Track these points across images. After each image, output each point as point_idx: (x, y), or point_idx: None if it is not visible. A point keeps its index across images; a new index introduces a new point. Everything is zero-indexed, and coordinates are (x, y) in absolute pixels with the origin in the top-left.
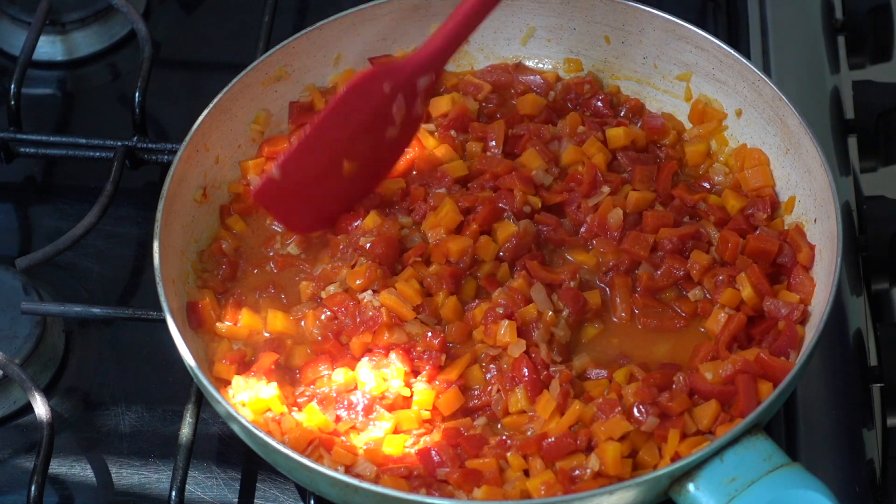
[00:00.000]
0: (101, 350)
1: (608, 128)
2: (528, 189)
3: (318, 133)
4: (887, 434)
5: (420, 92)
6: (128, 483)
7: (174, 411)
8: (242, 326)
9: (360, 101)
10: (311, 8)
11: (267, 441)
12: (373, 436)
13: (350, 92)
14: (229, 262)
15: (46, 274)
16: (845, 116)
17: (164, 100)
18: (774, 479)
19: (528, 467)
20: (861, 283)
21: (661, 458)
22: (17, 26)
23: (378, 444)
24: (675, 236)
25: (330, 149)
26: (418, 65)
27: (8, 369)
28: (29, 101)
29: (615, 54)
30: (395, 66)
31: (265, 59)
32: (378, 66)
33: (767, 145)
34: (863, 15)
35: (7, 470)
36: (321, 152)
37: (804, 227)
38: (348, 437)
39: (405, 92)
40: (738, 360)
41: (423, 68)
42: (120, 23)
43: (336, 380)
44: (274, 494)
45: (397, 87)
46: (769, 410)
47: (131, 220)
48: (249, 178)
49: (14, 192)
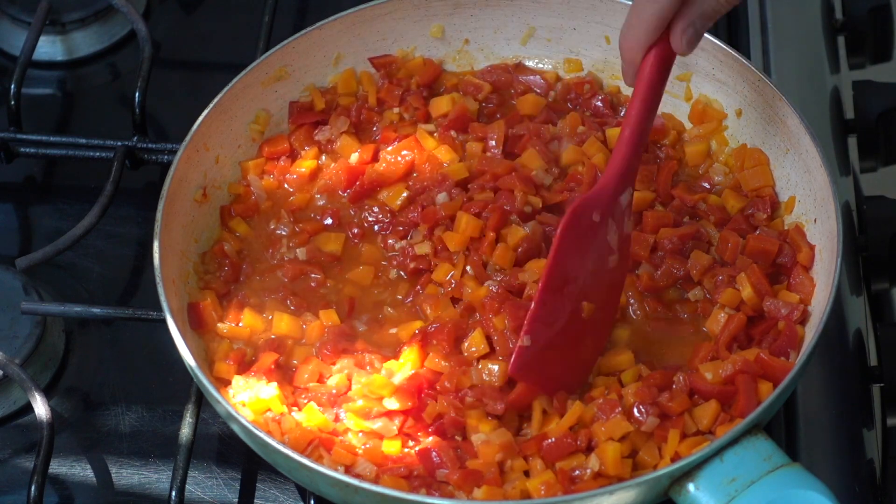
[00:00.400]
0: (101, 350)
1: (608, 128)
2: (528, 189)
3: (550, 284)
4: (887, 434)
5: (625, 210)
6: (128, 483)
7: (174, 411)
8: (244, 327)
9: (577, 239)
10: (311, 8)
11: (267, 441)
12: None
13: (565, 232)
14: (231, 264)
15: (46, 274)
16: (845, 116)
17: (164, 100)
18: (774, 479)
19: (528, 467)
20: (861, 283)
21: (661, 459)
22: (17, 26)
23: (378, 444)
24: (676, 236)
25: (564, 296)
26: (615, 183)
27: (8, 369)
28: (29, 101)
29: (615, 54)
30: (596, 193)
31: (265, 59)
32: (580, 199)
33: (767, 145)
34: (863, 15)
35: (7, 470)
36: (558, 303)
37: (804, 227)
38: (346, 436)
39: (613, 214)
40: (738, 360)
41: (621, 185)
42: (120, 23)
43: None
44: (274, 494)
45: (605, 213)
46: (769, 410)
47: (131, 220)
48: (250, 179)
49: (14, 192)
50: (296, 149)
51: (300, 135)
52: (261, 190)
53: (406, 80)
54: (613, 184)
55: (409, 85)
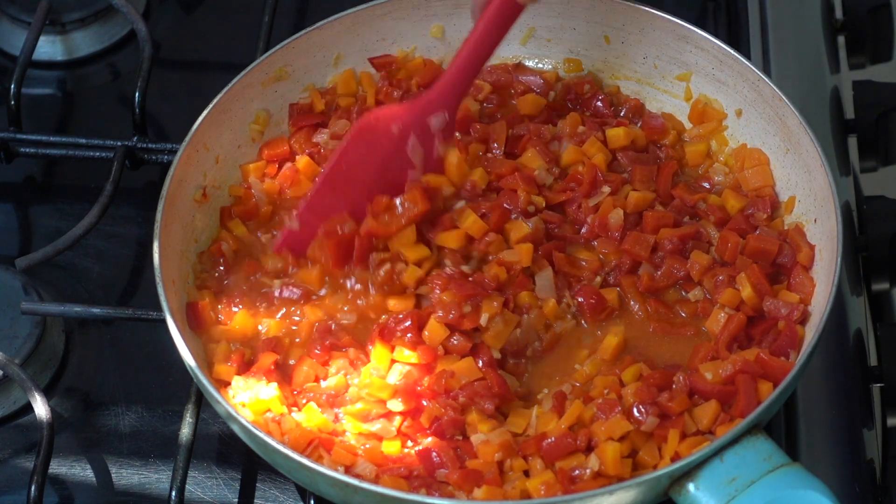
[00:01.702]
0: (101, 350)
1: (608, 128)
2: (531, 189)
3: (330, 180)
4: (887, 434)
5: (436, 132)
6: (128, 483)
7: (174, 411)
8: (237, 328)
9: (368, 144)
10: (311, 8)
11: (267, 441)
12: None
13: (355, 136)
14: (226, 263)
15: (46, 274)
16: (845, 116)
17: (164, 100)
18: (774, 479)
19: (528, 467)
20: (861, 283)
21: (661, 459)
22: (17, 26)
23: (378, 445)
24: (676, 236)
25: (347, 194)
26: (427, 103)
27: (8, 369)
28: (29, 101)
29: (615, 54)
30: (402, 107)
31: (265, 59)
32: (381, 108)
33: (767, 145)
34: (863, 15)
35: (7, 470)
36: (338, 198)
37: (804, 227)
38: (346, 436)
39: (417, 132)
40: (738, 360)
41: (432, 107)
42: (120, 23)
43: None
44: (274, 494)
45: (406, 127)
46: (769, 410)
47: (131, 220)
48: (251, 182)
49: (14, 192)
50: (296, 151)
51: (300, 137)
52: (262, 192)
53: (406, 80)
54: (424, 103)
55: (409, 86)
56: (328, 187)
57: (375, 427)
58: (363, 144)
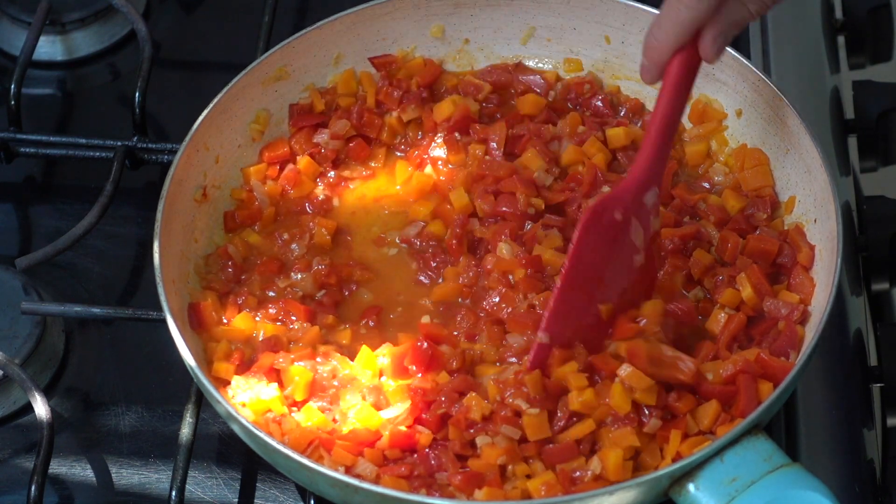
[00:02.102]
0: (101, 350)
1: (608, 128)
2: (530, 192)
3: (569, 281)
4: (887, 434)
5: (651, 209)
6: (128, 483)
7: (174, 411)
8: (238, 328)
9: (597, 237)
10: (311, 8)
11: (267, 441)
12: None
13: (585, 231)
14: (234, 266)
15: (46, 274)
16: (845, 116)
17: (164, 100)
18: (775, 479)
19: (530, 471)
20: (861, 283)
21: (663, 459)
22: (17, 26)
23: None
24: (676, 236)
25: (583, 294)
26: (639, 182)
27: (8, 369)
28: (29, 101)
29: (615, 54)
30: (620, 191)
31: (265, 59)
32: (602, 197)
33: (767, 145)
34: (863, 15)
35: (7, 470)
36: (577, 300)
37: (804, 227)
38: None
39: (637, 213)
40: (738, 361)
41: (646, 184)
42: (120, 23)
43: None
44: (274, 494)
45: (628, 211)
46: (769, 410)
47: (131, 220)
48: (253, 185)
49: (14, 192)
50: (296, 152)
51: (300, 138)
52: (264, 195)
53: (406, 80)
54: (637, 183)
55: (409, 85)
56: (568, 290)
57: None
58: (593, 238)
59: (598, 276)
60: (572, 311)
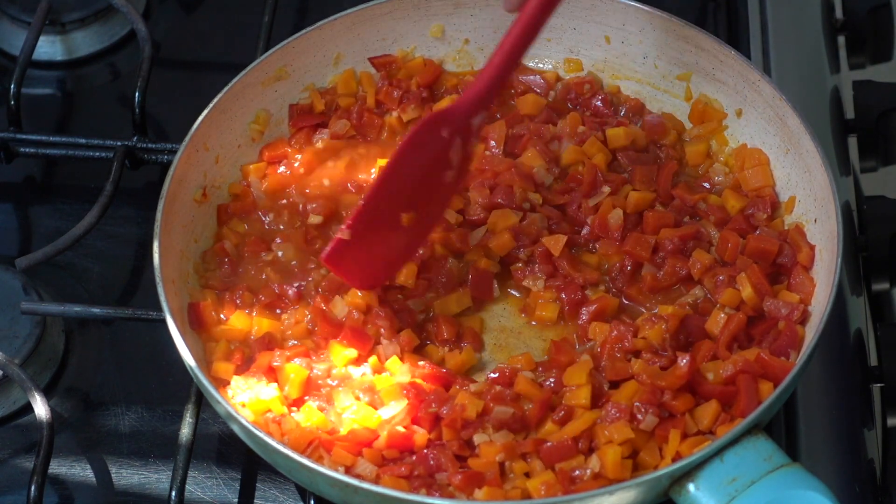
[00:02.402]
0: (101, 350)
1: (608, 128)
2: (527, 186)
3: (383, 187)
4: (887, 434)
5: (474, 131)
6: (128, 483)
7: (174, 411)
8: (237, 327)
9: (421, 150)
10: (311, 8)
11: (267, 441)
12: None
13: (411, 142)
14: (231, 262)
15: (46, 274)
16: (845, 116)
17: (164, 100)
18: (775, 479)
19: (528, 469)
20: (861, 283)
21: (662, 459)
22: (17, 26)
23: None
24: (677, 236)
25: (393, 202)
26: (472, 104)
27: (8, 369)
28: (29, 101)
29: (615, 54)
30: (451, 110)
31: (265, 59)
32: (434, 113)
33: (767, 145)
34: (863, 15)
35: (7, 470)
36: (385, 206)
37: (804, 227)
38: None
39: (461, 134)
40: (738, 360)
41: (477, 107)
42: (120, 23)
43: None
44: (274, 494)
45: (455, 131)
46: (769, 410)
47: (131, 220)
48: (251, 181)
49: (14, 192)
50: (296, 153)
51: (300, 138)
52: (261, 191)
53: (406, 80)
54: (470, 105)
55: (409, 86)
56: (380, 195)
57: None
58: (417, 150)
59: (410, 186)
60: (379, 216)
